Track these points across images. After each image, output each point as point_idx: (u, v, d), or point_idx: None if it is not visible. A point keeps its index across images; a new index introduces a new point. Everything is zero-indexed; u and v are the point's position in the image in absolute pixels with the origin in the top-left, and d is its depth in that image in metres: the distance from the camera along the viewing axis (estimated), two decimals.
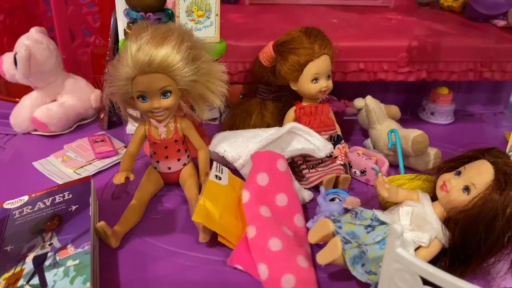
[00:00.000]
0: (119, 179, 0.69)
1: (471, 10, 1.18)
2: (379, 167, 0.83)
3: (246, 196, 0.69)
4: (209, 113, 0.80)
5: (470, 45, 1.02)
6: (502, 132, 1.07)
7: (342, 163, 0.84)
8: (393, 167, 0.87)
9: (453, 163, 0.64)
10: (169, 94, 0.71)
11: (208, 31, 0.83)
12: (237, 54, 0.94)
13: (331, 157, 0.84)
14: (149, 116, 0.74)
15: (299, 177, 0.83)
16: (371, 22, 1.12)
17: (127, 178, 0.70)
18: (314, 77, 0.83)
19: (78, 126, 1.01)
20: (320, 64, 0.82)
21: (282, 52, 0.84)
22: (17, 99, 1.02)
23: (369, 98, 0.90)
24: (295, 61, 0.82)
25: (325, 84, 0.83)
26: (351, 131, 1.04)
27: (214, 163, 0.75)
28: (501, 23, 1.14)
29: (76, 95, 0.99)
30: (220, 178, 0.72)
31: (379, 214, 0.62)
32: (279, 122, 0.90)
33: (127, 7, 0.81)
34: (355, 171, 0.86)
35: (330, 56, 0.83)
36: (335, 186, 0.82)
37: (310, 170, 0.83)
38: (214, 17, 0.83)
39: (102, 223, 0.65)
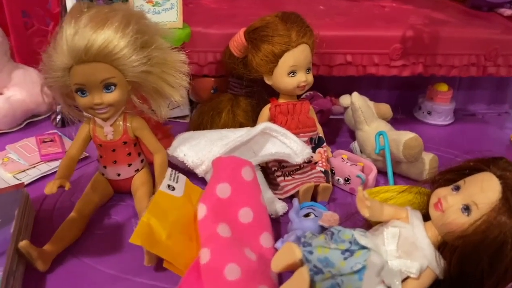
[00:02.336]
0: (50, 188, 0.57)
1: None
2: (366, 175, 0.72)
3: (202, 211, 0.58)
4: (169, 111, 0.69)
5: (472, 36, 0.92)
6: (508, 135, 0.96)
7: (322, 169, 0.73)
8: (383, 174, 0.77)
9: (451, 175, 0.53)
10: (113, 87, 0.60)
11: (168, 14, 0.73)
12: (207, 43, 0.84)
13: (310, 163, 0.73)
14: (90, 114, 0.62)
15: (273, 185, 0.73)
16: (362, 9, 1.01)
17: (61, 187, 0.59)
18: (291, 69, 0.71)
19: (28, 123, 0.90)
20: (298, 55, 0.71)
21: (254, 40, 0.72)
22: None
23: (355, 95, 0.78)
24: (268, 51, 0.70)
25: (304, 78, 0.72)
26: (338, 132, 0.94)
27: (168, 170, 0.64)
28: (507, 12, 1.05)
29: (25, 88, 0.88)
30: (173, 188, 0.61)
31: (358, 236, 0.51)
32: (253, 122, 0.79)
33: None
34: (338, 179, 0.74)
35: (310, 45, 0.72)
36: (313, 197, 0.70)
37: (286, 178, 0.72)
38: None
39: (25, 242, 0.54)
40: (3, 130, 0.85)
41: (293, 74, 0.72)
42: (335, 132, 0.93)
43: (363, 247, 0.51)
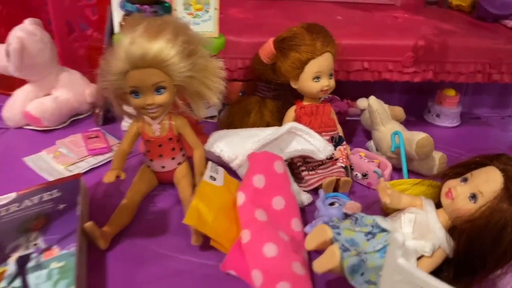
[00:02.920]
0: (109, 178, 0.66)
1: (480, 10, 1.15)
2: (382, 171, 0.80)
3: (241, 198, 0.66)
4: (206, 111, 0.78)
5: (478, 45, 0.99)
6: (510, 137, 1.04)
7: (343, 165, 0.81)
8: (397, 170, 0.84)
9: (460, 169, 0.61)
10: (163, 90, 0.68)
11: (206, 25, 0.81)
12: (236, 50, 0.92)
13: (331, 159, 0.81)
14: (142, 113, 0.71)
15: (298, 179, 0.80)
16: (376, 20, 1.09)
17: (118, 177, 0.67)
18: (315, 75, 0.79)
19: (73, 121, 0.98)
20: (322, 62, 0.79)
21: (282, 49, 0.80)
22: (9, 93, 0.99)
23: (372, 99, 0.87)
24: (296, 58, 0.79)
25: (326, 83, 0.80)
26: (354, 132, 1.01)
27: (209, 163, 0.72)
28: (511, 23, 1.11)
29: (70, 89, 0.97)
30: (214, 179, 0.69)
31: (379, 220, 0.59)
32: (279, 121, 0.87)
33: None
34: (356, 174, 0.82)
35: (333, 54, 0.80)
36: (335, 189, 0.78)
37: (310, 172, 0.80)
38: (213, 11, 0.80)
39: (90, 223, 0.62)
40: (51, 127, 0.94)
41: (317, 79, 0.80)
42: (351, 132, 1.00)
43: (383, 230, 0.59)
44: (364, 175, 0.81)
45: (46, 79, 0.95)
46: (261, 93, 0.90)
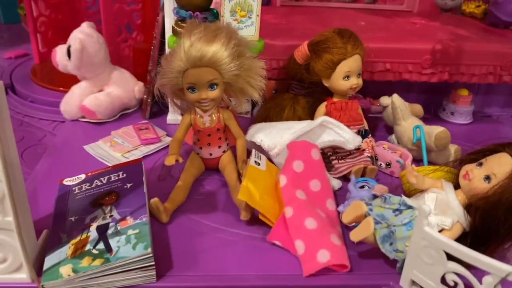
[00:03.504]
0: (170, 161, 0.76)
1: (492, 17, 1.23)
2: (404, 160, 0.89)
3: (283, 180, 0.75)
4: (248, 106, 0.87)
5: (490, 49, 1.08)
6: None
7: (369, 155, 0.90)
8: (416, 161, 0.93)
9: (475, 156, 0.71)
10: (215, 86, 0.78)
11: (249, 30, 0.91)
12: (272, 52, 1.01)
13: (359, 150, 0.91)
14: (196, 106, 0.81)
15: (329, 167, 0.89)
16: (397, 25, 1.18)
17: (177, 161, 0.78)
18: (346, 74, 0.89)
19: (122, 115, 1.09)
20: (352, 63, 0.89)
21: (316, 51, 0.90)
22: (61, 89, 1.10)
23: (395, 96, 0.96)
24: (329, 59, 0.89)
25: (355, 81, 0.90)
26: (376, 127, 1.11)
27: (253, 150, 0.82)
28: None
29: (121, 86, 1.07)
30: (259, 164, 0.79)
31: (406, 199, 0.69)
32: (310, 116, 0.97)
33: (176, 6, 0.89)
34: (380, 164, 0.92)
35: (362, 56, 0.90)
36: (362, 176, 0.88)
37: (339, 161, 0.89)
38: (255, 17, 0.90)
39: (155, 199, 0.73)
40: (104, 119, 1.04)
41: (347, 78, 0.90)
42: (374, 127, 1.09)
43: (409, 208, 0.69)
44: (388, 165, 0.91)
45: (100, 77, 1.06)
46: (294, 91, 1.00)
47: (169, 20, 0.94)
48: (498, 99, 1.24)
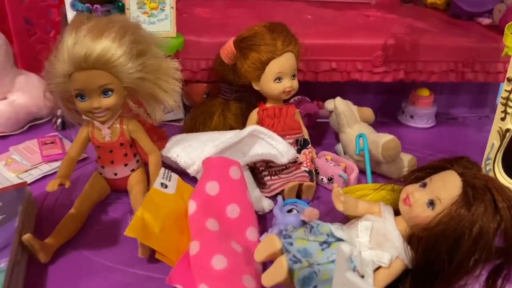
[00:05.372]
0: (52, 186, 0.62)
1: (454, 8, 1.12)
2: (348, 174, 0.77)
3: (192, 207, 0.62)
4: (163, 114, 0.74)
5: (451, 44, 0.96)
6: (486, 137, 1.00)
7: (307, 169, 0.77)
8: (364, 174, 0.81)
9: (420, 173, 0.58)
10: (110, 92, 0.65)
11: (162, 24, 0.77)
12: (199, 51, 0.88)
13: (295, 163, 0.78)
14: (89, 117, 0.67)
15: (261, 184, 0.77)
16: (347, 19, 1.06)
17: (62, 185, 0.64)
18: (277, 76, 0.76)
19: (31, 126, 0.94)
20: (283, 62, 0.75)
21: (242, 49, 0.77)
22: None
23: (338, 100, 0.83)
24: (255, 59, 0.75)
25: (289, 84, 0.77)
26: (324, 134, 0.98)
27: (162, 169, 0.69)
28: (486, 21, 1.09)
29: (28, 93, 0.93)
30: (166, 186, 0.66)
31: (334, 229, 0.56)
32: (242, 125, 0.84)
33: None
34: (322, 178, 0.79)
35: (295, 53, 0.77)
36: (299, 195, 0.75)
37: (272, 177, 0.76)
38: (169, 10, 0.77)
39: (28, 235, 0.59)
40: (7, 132, 0.90)
41: (279, 80, 0.77)
42: (322, 134, 0.97)
43: (339, 239, 0.56)
44: (330, 179, 0.78)
45: (1, 82, 0.91)
46: (224, 95, 0.87)
47: (71, 15, 0.80)
48: (464, 99, 1.12)
